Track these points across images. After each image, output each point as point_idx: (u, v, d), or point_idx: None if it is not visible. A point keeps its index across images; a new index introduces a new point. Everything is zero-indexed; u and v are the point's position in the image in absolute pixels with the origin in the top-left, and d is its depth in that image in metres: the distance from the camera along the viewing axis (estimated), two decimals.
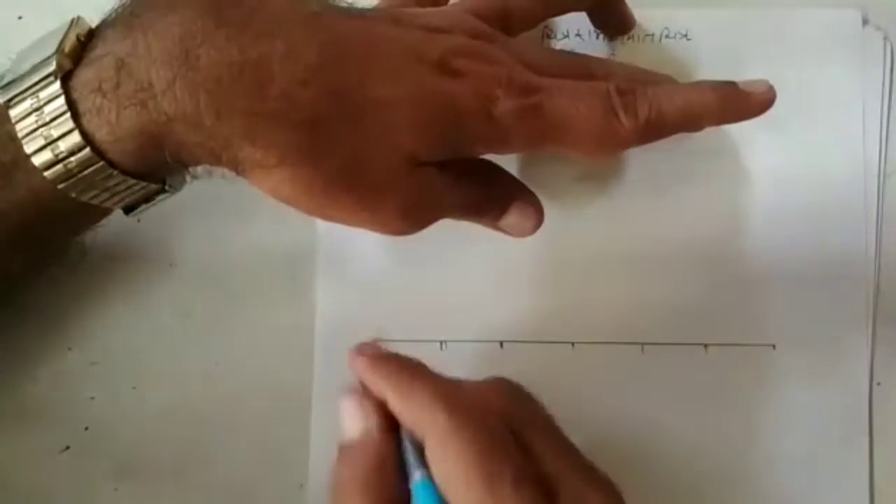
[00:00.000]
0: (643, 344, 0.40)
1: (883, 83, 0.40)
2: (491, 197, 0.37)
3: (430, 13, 0.35)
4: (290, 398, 0.40)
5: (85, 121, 0.30)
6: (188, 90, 0.29)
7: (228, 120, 0.29)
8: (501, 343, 0.40)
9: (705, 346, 0.39)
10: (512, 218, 0.37)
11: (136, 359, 0.41)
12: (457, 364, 0.39)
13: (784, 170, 0.40)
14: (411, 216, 0.34)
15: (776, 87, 0.39)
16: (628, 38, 0.41)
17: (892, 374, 0.39)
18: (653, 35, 0.41)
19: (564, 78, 0.35)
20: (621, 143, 0.34)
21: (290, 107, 0.29)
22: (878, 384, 0.39)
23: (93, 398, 0.41)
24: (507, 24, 0.36)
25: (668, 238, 0.40)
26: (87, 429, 0.40)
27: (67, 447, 0.40)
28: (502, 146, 0.34)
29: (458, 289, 0.40)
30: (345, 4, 0.34)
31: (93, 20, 0.32)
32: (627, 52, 0.41)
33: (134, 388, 0.41)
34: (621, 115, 0.33)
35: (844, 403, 0.39)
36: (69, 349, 0.41)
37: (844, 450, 0.39)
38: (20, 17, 0.43)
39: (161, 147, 0.30)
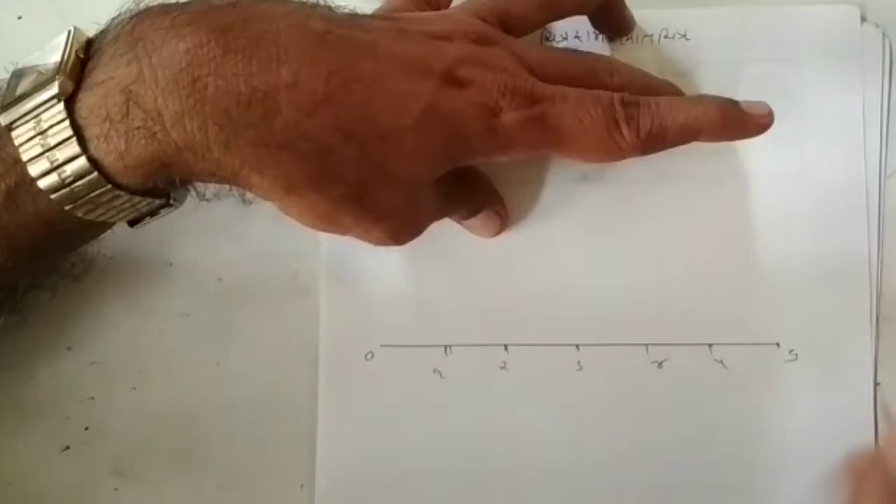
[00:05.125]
0: (648, 345, 0.39)
1: (882, 80, 0.40)
2: (467, 200, 0.38)
3: (433, 18, 0.35)
4: (290, 398, 0.40)
5: (92, 147, 0.29)
6: (197, 122, 0.29)
7: (237, 151, 0.29)
8: (506, 346, 0.40)
9: (710, 345, 0.39)
10: (476, 221, 0.39)
11: (136, 359, 0.40)
12: (462, 368, 0.40)
13: (784, 168, 0.40)
14: (402, 235, 0.34)
15: (775, 86, 0.39)
16: (627, 39, 0.41)
17: (893, 374, 0.39)
18: (651, 36, 0.41)
19: (568, 77, 0.35)
20: (622, 155, 0.34)
21: (297, 138, 0.30)
22: (879, 384, 0.39)
23: (93, 398, 0.40)
24: (508, 27, 0.37)
25: (670, 239, 0.40)
26: (87, 429, 0.40)
27: (67, 447, 0.40)
28: (503, 155, 0.34)
29: (462, 292, 0.40)
30: (348, 10, 0.34)
31: (91, 25, 0.32)
32: (626, 53, 0.41)
33: (134, 388, 0.40)
34: (623, 127, 0.34)
35: (848, 402, 0.39)
36: (69, 349, 0.41)
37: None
38: (20, 17, 0.43)
39: (170, 171, 0.30)
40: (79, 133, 0.29)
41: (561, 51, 0.39)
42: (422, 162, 0.33)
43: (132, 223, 0.34)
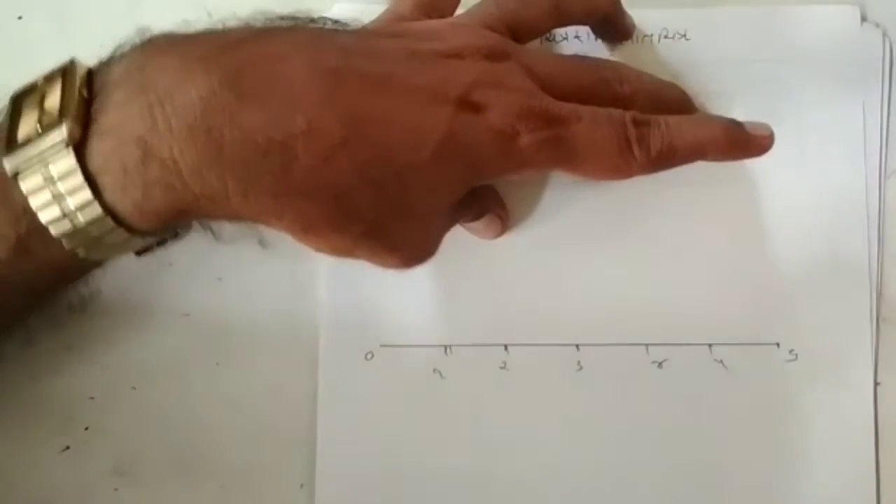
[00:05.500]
0: (648, 345, 0.40)
1: (882, 80, 0.40)
2: (472, 207, 0.38)
3: (442, 32, 0.35)
4: (289, 398, 0.40)
5: (107, 195, 0.29)
6: (215, 173, 0.29)
7: (255, 199, 0.29)
8: (506, 346, 0.40)
9: (710, 345, 0.39)
10: (479, 224, 0.39)
11: (136, 359, 0.40)
12: (462, 368, 0.40)
13: (784, 169, 0.40)
14: (416, 261, 0.34)
15: (775, 86, 0.40)
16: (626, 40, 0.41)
17: (892, 374, 0.39)
18: (651, 36, 0.41)
19: (579, 89, 0.35)
20: (631, 174, 0.35)
21: (315, 183, 0.30)
22: (879, 384, 0.39)
23: (93, 398, 0.40)
24: (517, 34, 0.36)
25: (670, 239, 0.40)
26: (87, 429, 0.40)
27: (67, 447, 0.40)
28: (515, 174, 0.34)
29: (462, 292, 0.40)
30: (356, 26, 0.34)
31: (93, 26, 0.31)
32: (626, 54, 0.41)
33: (134, 388, 0.40)
34: (635, 147, 0.34)
35: (848, 402, 0.39)
36: (69, 349, 0.40)
37: (849, 449, 0.39)
38: (20, 17, 0.43)
39: (187, 217, 0.30)
40: (91, 180, 0.29)
41: (571, 60, 0.39)
42: (439, 193, 0.33)
43: (138, 253, 0.33)
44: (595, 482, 0.39)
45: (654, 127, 0.34)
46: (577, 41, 0.41)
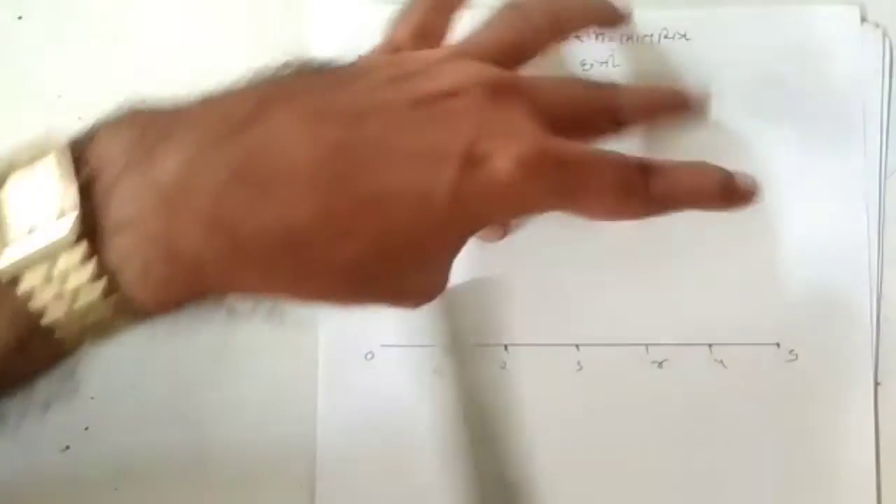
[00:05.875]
0: (648, 345, 0.40)
1: (882, 80, 0.40)
2: None
3: (443, 65, 0.34)
4: (290, 398, 0.40)
5: (124, 291, 0.28)
6: (235, 263, 0.28)
7: (274, 283, 0.30)
8: (506, 346, 0.40)
9: (710, 345, 0.39)
10: (484, 230, 0.39)
11: (136, 359, 0.40)
12: (462, 368, 0.40)
13: (784, 169, 0.40)
14: (425, 302, 0.34)
15: (775, 86, 0.40)
16: (627, 39, 0.41)
17: (892, 374, 0.39)
18: (651, 36, 0.41)
19: (582, 120, 0.35)
20: (630, 217, 0.35)
21: (332, 263, 0.30)
22: (879, 384, 0.39)
23: (93, 398, 0.40)
24: (518, 57, 0.36)
25: (671, 239, 0.40)
26: (87, 429, 0.40)
27: (67, 447, 0.40)
28: (517, 217, 0.36)
29: (461, 293, 0.40)
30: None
31: (93, 26, 0.30)
32: (626, 54, 0.41)
33: (134, 388, 0.40)
34: (636, 195, 0.34)
35: (848, 402, 0.39)
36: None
37: (849, 449, 0.39)
38: (20, 17, 0.43)
39: (205, 299, 0.30)
40: (106, 277, 0.27)
41: (570, 88, 0.38)
42: (450, 246, 0.33)
43: None
44: (595, 482, 0.39)
45: (655, 175, 0.34)
46: (577, 41, 0.41)
